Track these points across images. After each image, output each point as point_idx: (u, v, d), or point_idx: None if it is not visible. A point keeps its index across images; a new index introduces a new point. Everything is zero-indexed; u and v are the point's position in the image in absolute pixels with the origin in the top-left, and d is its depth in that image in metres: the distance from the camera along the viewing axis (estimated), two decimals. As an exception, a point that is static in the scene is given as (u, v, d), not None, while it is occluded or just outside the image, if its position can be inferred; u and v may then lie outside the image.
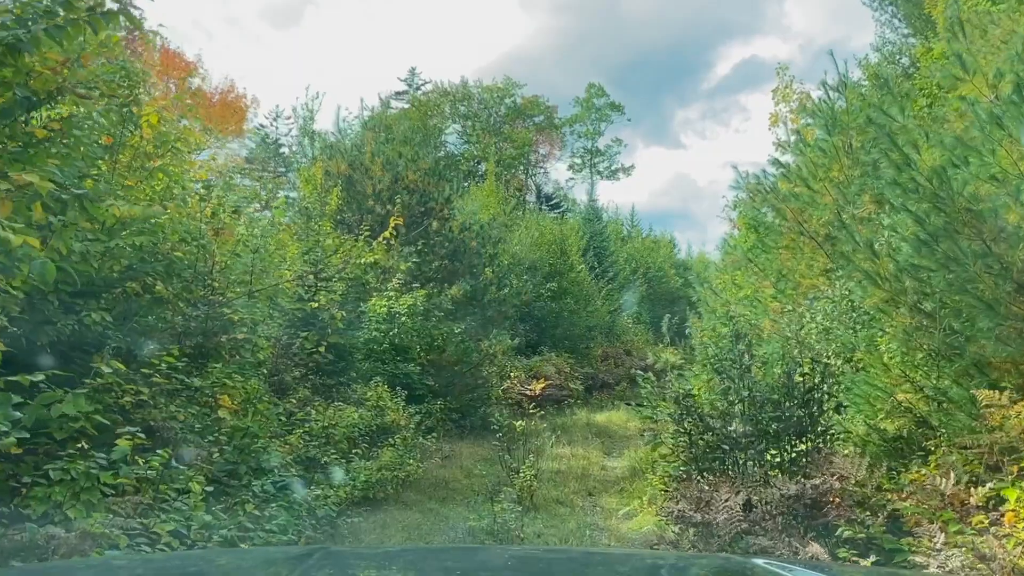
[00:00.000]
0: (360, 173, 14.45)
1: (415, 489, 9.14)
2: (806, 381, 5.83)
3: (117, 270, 5.96)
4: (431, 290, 13.85)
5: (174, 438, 4.91)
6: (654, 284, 40.18)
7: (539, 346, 22.22)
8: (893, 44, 18.73)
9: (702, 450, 5.72)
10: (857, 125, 10.24)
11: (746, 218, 16.98)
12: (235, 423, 5.58)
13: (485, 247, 15.55)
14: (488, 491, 8.98)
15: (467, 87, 47.09)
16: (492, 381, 15.71)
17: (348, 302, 9.90)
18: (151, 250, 6.36)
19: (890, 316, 6.57)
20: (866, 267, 6.80)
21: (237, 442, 5.45)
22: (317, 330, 9.03)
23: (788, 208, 9.73)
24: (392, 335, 12.07)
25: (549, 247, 24.42)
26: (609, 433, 16.04)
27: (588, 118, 51.96)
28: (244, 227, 8.16)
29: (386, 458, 8.30)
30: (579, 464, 11.52)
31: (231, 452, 5.37)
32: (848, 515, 4.80)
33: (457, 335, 13.98)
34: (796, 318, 7.60)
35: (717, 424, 5.68)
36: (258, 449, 5.48)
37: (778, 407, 5.83)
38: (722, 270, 18.52)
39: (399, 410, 10.44)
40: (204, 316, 6.47)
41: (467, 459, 11.60)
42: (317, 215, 11.54)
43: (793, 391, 5.77)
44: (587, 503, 8.85)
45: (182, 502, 4.33)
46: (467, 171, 41.38)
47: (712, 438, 5.69)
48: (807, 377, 5.83)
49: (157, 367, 5.15)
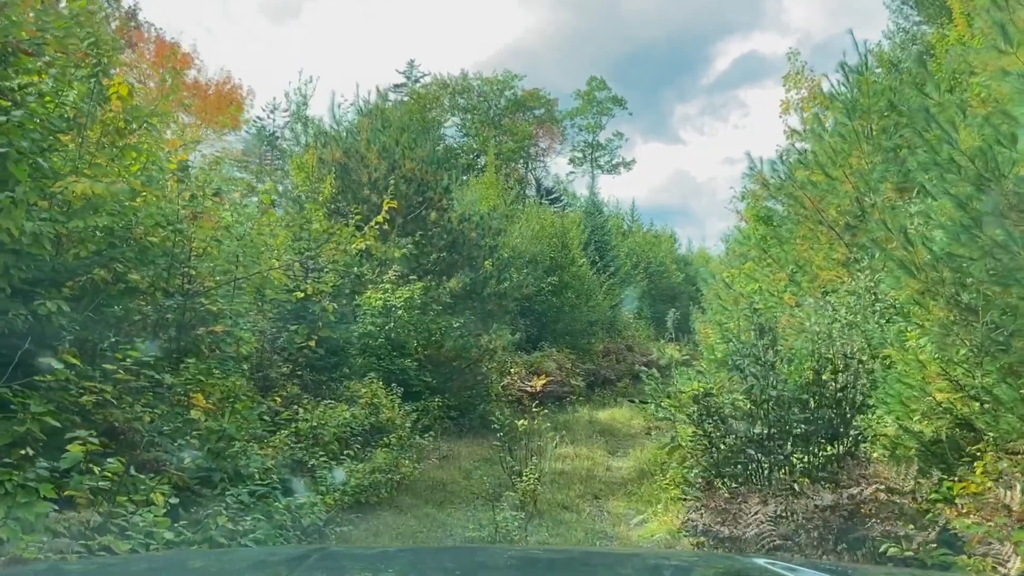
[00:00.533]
0: (355, 161, 13.91)
1: (411, 492, 8.63)
2: (838, 379, 5.32)
3: (84, 256, 5.44)
4: (429, 283, 13.33)
5: (139, 441, 4.40)
6: (655, 279, 39.72)
7: (539, 341, 21.71)
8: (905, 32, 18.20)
9: (724, 454, 5.22)
10: (878, 109, 9.72)
11: (755, 210, 16.48)
12: (210, 424, 5.06)
13: (485, 238, 15.02)
14: (489, 495, 8.48)
15: (466, 79, 46.50)
16: (492, 377, 15.20)
17: (341, 294, 9.37)
18: (123, 235, 5.84)
19: (926, 308, 6.05)
20: (900, 256, 6.28)
21: (212, 445, 4.92)
22: (307, 323, 8.51)
23: (807, 196, 9.21)
24: (388, 329, 11.56)
25: (550, 240, 23.89)
26: (613, 431, 15.55)
27: (589, 111, 51.38)
28: (229, 214, 7.64)
29: (380, 459, 7.79)
30: (583, 465, 11.01)
31: (204, 456, 4.85)
32: (890, 528, 4.30)
33: (456, 329, 13.47)
34: (824, 310, 7.09)
35: (741, 426, 5.17)
36: (236, 453, 4.96)
37: (806, 407, 5.32)
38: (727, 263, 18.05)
39: (394, 408, 9.93)
40: (181, 307, 5.95)
41: (466, 459, 11.09)
42: (310, 203, 11.01)
43: (824, 390, 5.27)
44: (593, 507, 8.35)
45: (142, 515, 3.80)
46: (466, 164, 40.80)
47: (735, 441, 5.18)
48: (839, 375, 5.32)
49: (121, 362, 4.63)
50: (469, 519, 7.76)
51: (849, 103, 9.60)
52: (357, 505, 7.22)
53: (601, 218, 36.25)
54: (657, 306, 38.59)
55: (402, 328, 11.81)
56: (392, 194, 10.09)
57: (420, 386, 11.98)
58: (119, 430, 4.38)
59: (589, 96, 51.25)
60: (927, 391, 5.99)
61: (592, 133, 51.94)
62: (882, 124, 9.62)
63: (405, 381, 11.45)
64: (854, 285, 7.67)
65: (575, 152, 52.04)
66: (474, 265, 14.74)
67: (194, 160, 9.26)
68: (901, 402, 6.24)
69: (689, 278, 45.22)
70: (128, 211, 5.74)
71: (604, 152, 52.58)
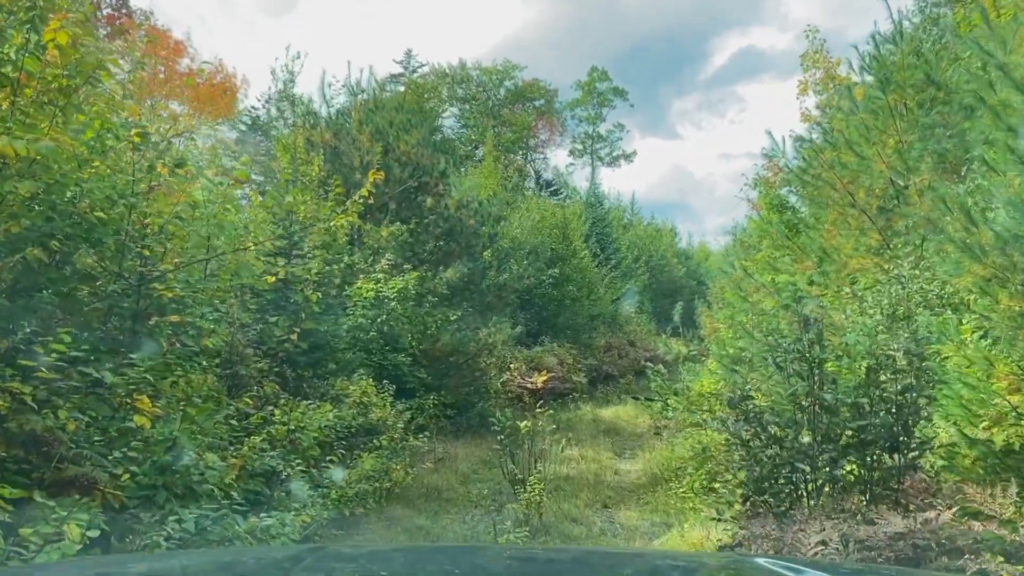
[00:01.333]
0: (347, 144, 13.08)
1: (403, 500, 7.85)
2: (899, 379, 4.54)
3: (16, 231, 4.64)
4: (424, 272, 12.53)
5: (66, 454, 3.60)
6: (656, 273, 38.94)
7: (540, 336, 20.93)
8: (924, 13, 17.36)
9: (768, 469, 4.44)
10: (914, 83, 8.91)
11: (769, 197, 15.68)
12: (158, 431, 4.25)
13: (484, 226, 14.20)
14: (488, 504, 7.70)
15: (465, 69, 45.54)
16: (490, 373, 14.40)
17: (327, 283, 8.56)
18: (65, 210, 5.04)
19: (993, 297, 5.26)
20: (960, 239, 5.49)
21: (158, 458, 4.10)
22: (289, 314, 7.70)
23: (837, 177, 8.40)
24: (380, 322, 10.75)
25: (551, 231, 23.07)
26: (618, 431, 14.79)
27: (589, 102, 50.47)
28: (200, 192, 6.81)
29: (367, 466, 7.00)
30: (589, 468, 10.24)
31: (146, 471, 4.03)
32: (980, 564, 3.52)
33: (453, 323, 12.67)
34: (879, 300, 6.30)
35: (789, 434, 4.38)
36: (187, 466, 4.12)
37: (860, 412, 4.54)
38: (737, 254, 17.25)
39: (386, 407, 9.14)
40: (135, 294, 5.14)
41: (463, 462, 10.32)
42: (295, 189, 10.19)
43: (883, 391, 4.49)
44: (604, 519, 7.57)
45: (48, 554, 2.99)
46: (464, 155, 39.89)
47: (782, 453, 4.40)
48: (899, 374, 4.54)
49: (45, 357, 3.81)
50: (467, 532, 6.99)
51: (882, 76, 8.78)
52: (341, 518, 6.43)
53: (602, 210, 35.46)
54: (658, 300, 37.84)
55: (395, 321, 11.01)
56: (385, 177, 9.24)
57: (414, 383, 11.19)
58: (40, 440, 3.59)
59: (590, 87, 50.32)
60: (995, 393, 5.21)
61: (593, 124, 51.03)
62: (918, 99, 8.81)
63: (398, 378, 10.67)
64: (896, 272, 6.88)
65: (575, 144, 51.14)
66: (472, 254, 13.93)
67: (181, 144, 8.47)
68: (962, 406, 5.46)
69: (691, 272, 44.53)
70: (69, 181, 4.93)
71: (605, 144, 51.69)
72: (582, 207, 31.32)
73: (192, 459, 4.20)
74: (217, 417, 5.09)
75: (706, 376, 15.43)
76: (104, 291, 5.06)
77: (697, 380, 15.46)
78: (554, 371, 18.38)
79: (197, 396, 5.09)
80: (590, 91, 50.37)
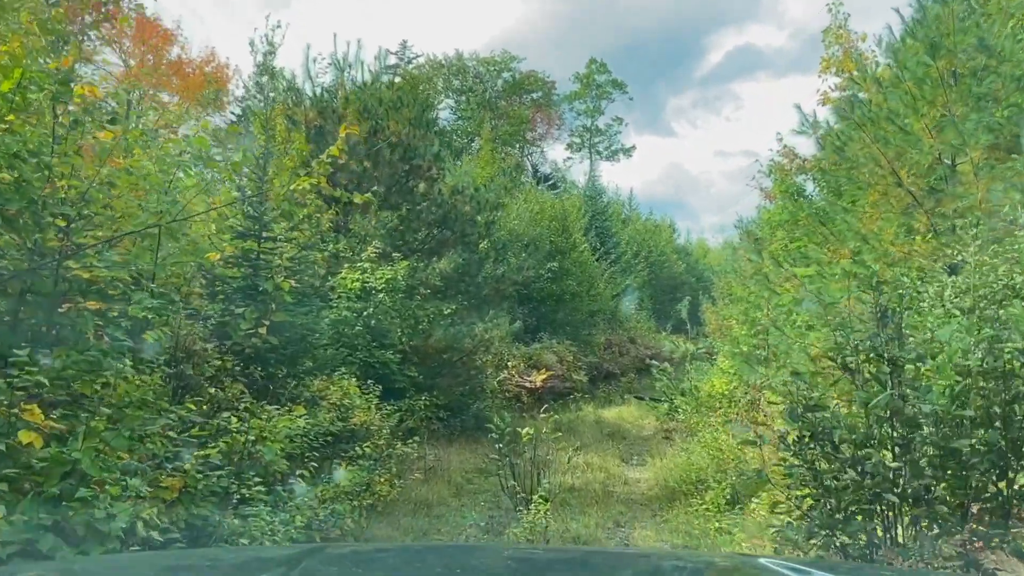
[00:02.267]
0: (332, 123, 12.05)
1: (387, 518, 6.86)
2: (1012, 386, 3.58)
3: None
4: (415, 263, 11.55)
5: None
6: (656, 269, 37.98)
7: (538, 332, 19.96)
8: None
9: (846, 500, 3.47)
10: (965, 48, 7.94)
11: (783, 185, 14.72)
12: (53, 452, 3.22)
13: (481, 213, 13.19)
14: (485, 526, 6.73)
15: (462, 60, 44.44)
16: (487, 372, 13.42)
17: (302, 270, 7.55)
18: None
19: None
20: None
21: (46, 489, 3.09)
22: (256, 305, 6.70)
23: (882, 153, 7.43)
24: (367, 316, 9.76)
25: (550, 223, 22.07)
26: (623, 433, 13.82)
27: (588, 95, 49.44)
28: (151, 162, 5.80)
29: (345, 481, 6.01)
30: (596, 477, 9.27)
31: (28, 508, 3.00)
32: None
33: (446, 317, 11.68)
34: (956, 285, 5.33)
35: (872, 456, 3.41)
36: (88, 500, 3.07)
37: (960, 427, 3.58)
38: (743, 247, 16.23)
39: (371, 409, 8.16)
40: (51, 274, 4.15)
41: (456, 470, 9.34)
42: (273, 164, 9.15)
43: (991, 401, 3.53)
44: (619, 540, 6.59)
45: None
46: (460, 148, 38.83)
47: (862, 480, 3.43)
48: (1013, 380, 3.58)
49: None
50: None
51: (929, 40, 7.81)
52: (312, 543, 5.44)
53: (602, 203, 34.45)
54: (659, 297, 36.91)
55: (383, 314, 10.02)
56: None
57: (404, 382, 10.20)
58: None
59: (588, 79, 49.30)
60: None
61: (591, 117, 50.01)
62: (971, 66, 7.85)
63: (386, 377, 9.68)
64: (961, 259, 5.92)
65: (573, 137, 50.11)
66: (468, 244, 12.94)
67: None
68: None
69: (690, 268, 43.58)
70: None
71: (603, 138, 50.70)
72: (581, 200, 30.34)
73: (90, 492, 3.18)
74: (152, 428, 4.09)
75: (716, 375, 14.52)
76: (10, 270, 4.06)
77: (707, 380, 14.57)
78: (554, 369, 17.43)
79: (128, 402, 4.09)
80: (588, 83, 49.34)
